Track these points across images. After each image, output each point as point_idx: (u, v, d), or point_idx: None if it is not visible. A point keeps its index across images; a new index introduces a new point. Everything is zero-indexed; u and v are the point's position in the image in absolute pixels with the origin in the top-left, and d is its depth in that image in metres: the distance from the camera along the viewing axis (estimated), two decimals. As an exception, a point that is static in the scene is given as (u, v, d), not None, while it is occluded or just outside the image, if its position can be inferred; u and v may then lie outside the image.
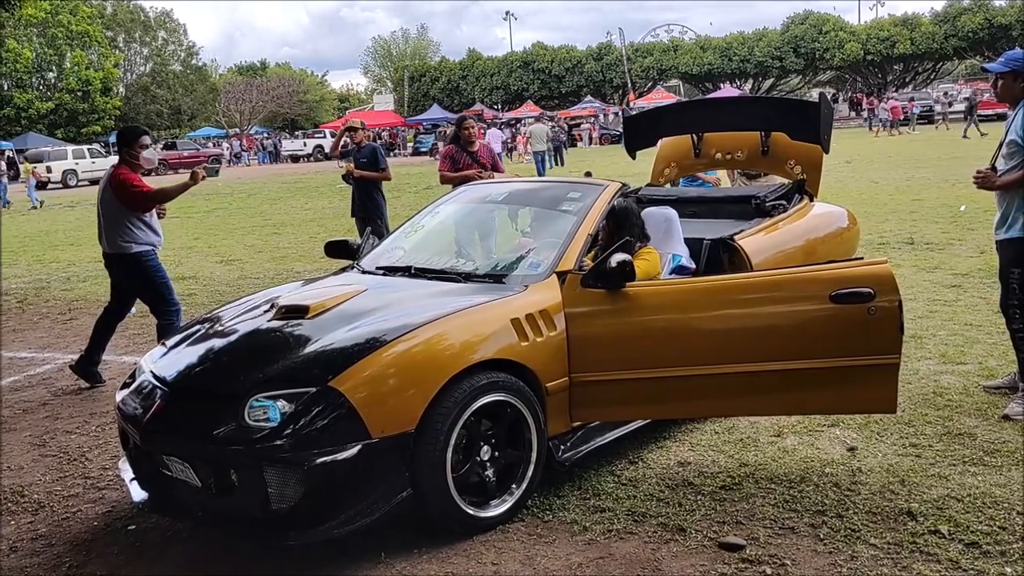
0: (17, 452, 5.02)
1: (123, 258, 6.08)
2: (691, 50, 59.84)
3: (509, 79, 63.64)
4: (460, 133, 8.00)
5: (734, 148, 6.47)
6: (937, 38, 53.02)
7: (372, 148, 9.37)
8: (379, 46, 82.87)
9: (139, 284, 6.18)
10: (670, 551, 3.42)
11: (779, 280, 3.92)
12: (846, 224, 6.16)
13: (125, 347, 7.40)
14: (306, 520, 3.31)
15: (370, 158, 9.18)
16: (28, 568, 3.62)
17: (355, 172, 9.13)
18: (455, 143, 8.05)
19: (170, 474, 3.61)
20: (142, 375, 4.00)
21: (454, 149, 7.97)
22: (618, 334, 3.92)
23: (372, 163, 9.20)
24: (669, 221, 5.01)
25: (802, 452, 4.29)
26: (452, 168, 7.86)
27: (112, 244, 6.09)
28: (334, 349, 3.57)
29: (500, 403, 3.64)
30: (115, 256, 6.11)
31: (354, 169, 9.12)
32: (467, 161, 7.82)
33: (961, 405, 4.76)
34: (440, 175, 8.07)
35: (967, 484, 3.82)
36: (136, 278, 6.15)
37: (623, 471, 4.18)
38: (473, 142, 7.96)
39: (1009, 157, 4.57)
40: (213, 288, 9.85)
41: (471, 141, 7.93)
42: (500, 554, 3.47)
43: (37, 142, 44.33)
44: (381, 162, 9.25)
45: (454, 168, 7.84)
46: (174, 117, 65.93)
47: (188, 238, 15.24)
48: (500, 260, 4.50)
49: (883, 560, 3.26)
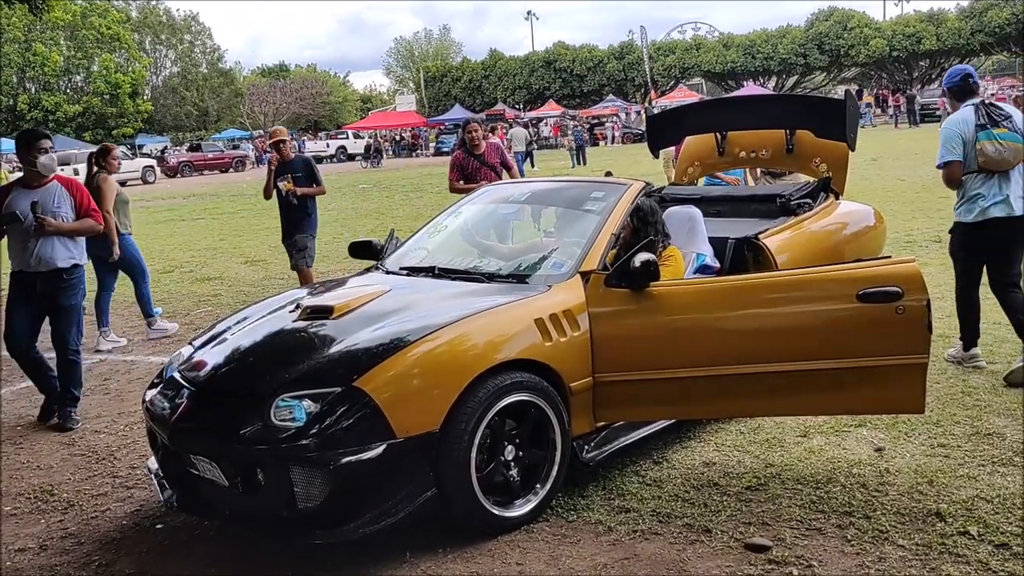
0: (46, 451, 5.08)
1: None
2: (714, 48, 59.51)
3: (531, 79, 63.61)
4: (465, 138, 7.94)
5: (758, 146, 6.43)
6: (963, 34, 52.39)
7: (305, 160, 8.35)
8: (401, 47, 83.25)
9: None
10: (696, 552, 3.41)
11: (805, 279, 3.89)
12: (872, 222, 6.11)
13: (152, 348, 7.48)
14: (332, 519, 3.33)
15: (306, 171, 8.13)
16: (58, 566, 3.67)
17: (298, 190, 7.99)
18: (462, 148, 8.01)
19: (197, 473, 3.65)
20: (169, 375, 4.04)
21: (461, 156, 7.89)
22: (642, 334, 3.91)
23: (309, 176, 8.15)
24: (693, 220, 4.99)
25: (829, 452, 4.26)
26: (461, 176, 7.79)
27: None
28: (359, 349, 3.59)
29: (524, 403, 3.64)
30: None
31: (295, 188, 7.97)
32: (475, 165, 7.73)
33: (990, 405, 4.70)
34: (450, 185, 7.95)
35: (996, 485, 3.78)
36: None
37: (648, 471, 4.16)
38: (478, 145, 7.86)
39: None
40: (238, 288, 9.94)
41: (476, 144, 7.86)
42: (525, 554, 3.47)
43: (65, 145, 44.85)
44: (318, 176, 8.25)
45: (463, 175, 7.78)
46: (201, 119, 66.55)
47: (214, 239, 15.37)
48: (523, 260, 4.50)
49: (911, 561, 3.23)
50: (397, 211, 18.04)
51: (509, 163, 8.09)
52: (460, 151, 7.99)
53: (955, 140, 5.17)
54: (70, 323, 5.50)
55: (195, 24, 69.01)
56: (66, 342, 5.48)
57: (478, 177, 7.62)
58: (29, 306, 5.40)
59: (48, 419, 5.56)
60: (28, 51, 52.74)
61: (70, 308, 5.48)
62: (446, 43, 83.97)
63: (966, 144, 5.15)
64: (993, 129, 5.06)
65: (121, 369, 6.86)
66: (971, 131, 5.12)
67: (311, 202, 8.20)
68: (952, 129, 5.18)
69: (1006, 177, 5.16)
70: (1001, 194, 5.15)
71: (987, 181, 5.18)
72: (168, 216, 20.98)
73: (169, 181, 40.20)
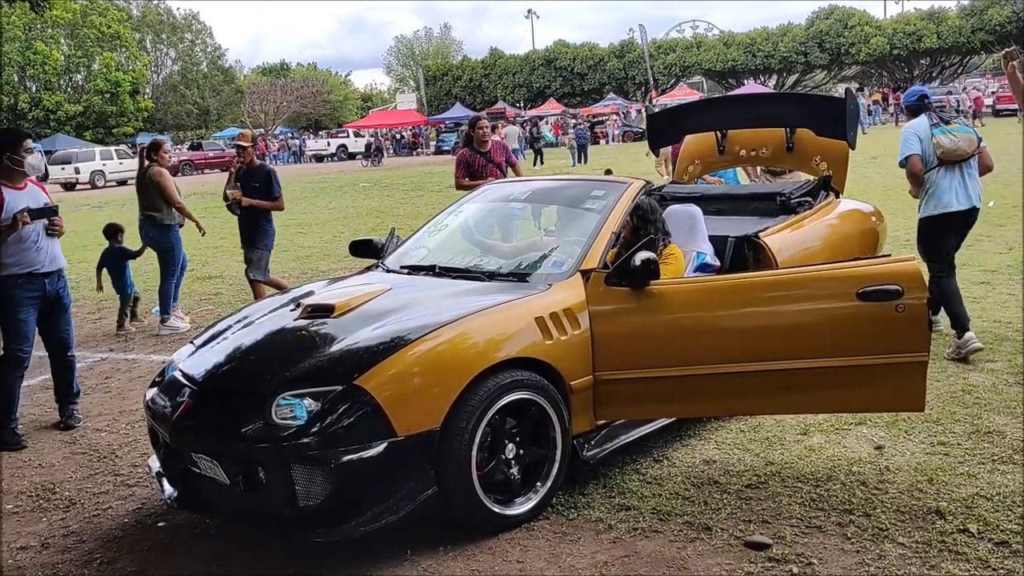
0: (48, 450, 5.09)
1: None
2: (715, 46, 59.49)
3: (531, 77, 63.62)
4: (473, 134, 7.93)
5: (759, 145, 6.43)
6: (964, 32, 52.35)
7: (266, 172, 7.73)
8: (402, 46, 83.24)
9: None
10: (696, 550, 3.42)
11: (805, 278, 3.89)
12: (873, 221, 6.11)
13: (154, 346, 7.49)
14: (333, 517, 3.34)
15: (263, 183, 7.59)
16: (60, 564, 3.67)
17: (244, 200, 7.48)
18: (468, 145, 7.98)
19: (199, 471, 3.66)
20: (170, 374, 4.05)
21: (468, 153, 7.87)
22: (643, 332, 3.91)
23: (266, 190, 7.59)
24: (693, 218, 5.00)
25: (829, 450, 4.27)
26: (467, 173, 7.79)
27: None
28: (359, 348, 3.60)
29: (525, 401, 3.65)
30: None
31: (242, 197, 7.46)
32: (481, 162, 7.72)
33: (990, 403, 4.71)
34: (456, 182, 7.93)
35: (996, 483, 3.79)
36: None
37: (648, 469, 4.17)
38: (486, 142, 7.86)
39: None
40: (239, 287, 9.93)
41: (484, 141, 7.86)
42: (525, 552, 3.48)
43: (66, 144, 44.85)
44: (276, 189, 7.62)
45: (469, 172, 7.78)
46: (201, 117, 66.57)
47: (214, 237, 15.35)
48: (524, 259, 4.51)
49: (911, 559, 3.24)
50: (398, 210, 18.05)
51: (514, 161, 8.08)
52: (466, 149, 7.96)
53: (912, 139, 5.77)
54: (70, 321, 5.49)
55: (196, 23, 69.06)
56: (68, 341, 5.48)
57: (484, 175, 7.63)
58: (35, 309, 5.27)
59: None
60: (28, 49, 52.70)
61: (69, 306, 5.49)
62: (447, 42, 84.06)
63: (923, 142, 5.73)
64: (945, 126, 5.69)
65: (122, 367, 6.87)
66: (926, 130, 5.73)
67: (265, 215, 7.68)
68: (909, 131, 5.81)
69: (964, 171, 5.73)
70: (961, 187, 5.72)
71: (947, 174, 5.72)
72: (169, 215, 20.93)
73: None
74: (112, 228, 8.37)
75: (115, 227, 8.37)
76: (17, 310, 5.16)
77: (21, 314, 5.17)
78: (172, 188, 7.87)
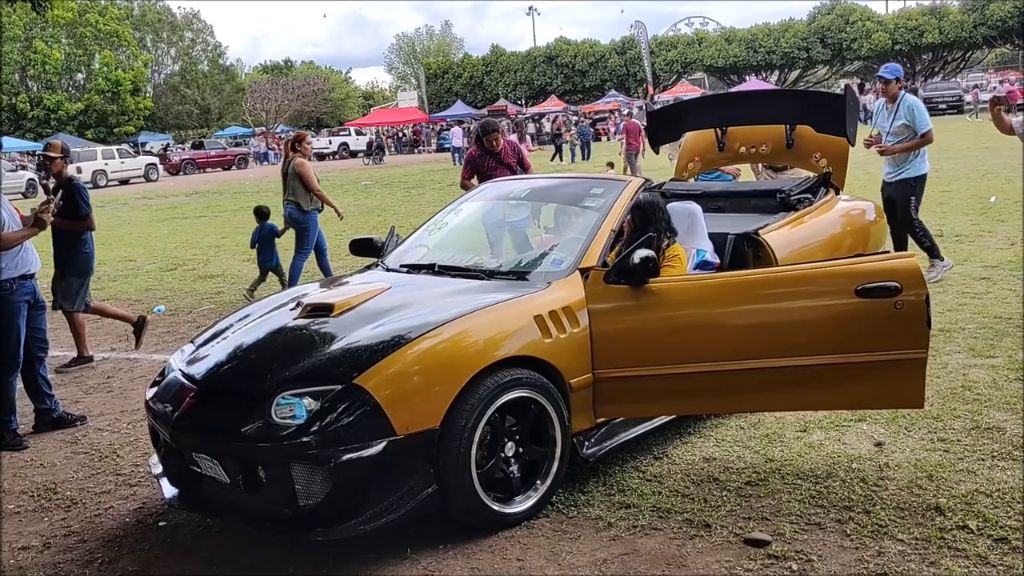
0: (50, 449, 5.11)
1: None
2: (716, 42, 59.35)
3: (532, 74, 63.53)
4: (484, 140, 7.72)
5: (758, 142, 6.44)
6: (966, 27, 52.19)
7: (72, 187, 6.55)
8: (403, 43, 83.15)
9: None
10: (695, 547, 3.42)
11: (804, 275, 3.89)
12: (873, 217, 6.11)
13: (155, 345, 7.50)
14: (333, 516, 3.34)
15: (68, 200, 6.37)
16: (61, 563, 3.69)
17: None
18: (478, 145, 7.82)
19: (199, 471, 3.67)
20: (171, 373, 4.06)
21: (476, 153, 7.72)
22: (642, 330, 3.92)
23: (70, 207, 6.43)
24: (693, 216, 5.00)
25: (828, 447, 4.27)
26: (473, 173, 7.64)
27: None
28: (359, 347, 3.60)
29: (524, 400, 3.65)
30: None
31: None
32: (491, 164, 7.54)
33: (990, 399, 4.71)
34: (461, 181, 7.79)
35: (996, 479, 3.79)
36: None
37: (648, 467, 4.17)
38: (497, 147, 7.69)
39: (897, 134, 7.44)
40: (240, 287, 9.94)
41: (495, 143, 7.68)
42: (525, 550, 3.49)
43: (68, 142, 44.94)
44: (83, 207, 6.57)
45: (477, 172, 7.63)
46: (202, 116, 66.56)
47: (216, 236, 15.39)
48: (523, 257, 4.51)
49: (910, 556, 3.24)
50: (399, 208, 18.06)
51: (527, 163, 7.83)
52: (475, 148, 7.80)
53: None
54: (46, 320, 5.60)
55: (196, 21, 69.01)
56: (46, 341, 5.57)
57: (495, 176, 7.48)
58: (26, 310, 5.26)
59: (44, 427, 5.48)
60: (28, 49, 52.76)
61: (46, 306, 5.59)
62: (448, 39, 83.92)
63: None
64: None
65: (124, 367, 6.88)
66: None
67: (79, 236, 6.72)
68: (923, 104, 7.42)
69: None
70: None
71: None
72: (171, 214, 21.01)
73: (172, 179, 40.22)
74: (261, 210, 9.52)
75: (263, 209, 9.53)
76: (16, 313, 5.18)
77: (18, 317, 5.20)
78: (312, 176, 8.75)
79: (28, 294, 5.28)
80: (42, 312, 5.50)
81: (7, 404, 5.22)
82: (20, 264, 5.22)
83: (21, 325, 5.22)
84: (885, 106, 7.63)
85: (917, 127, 7.35)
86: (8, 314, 5.14)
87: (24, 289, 5.24)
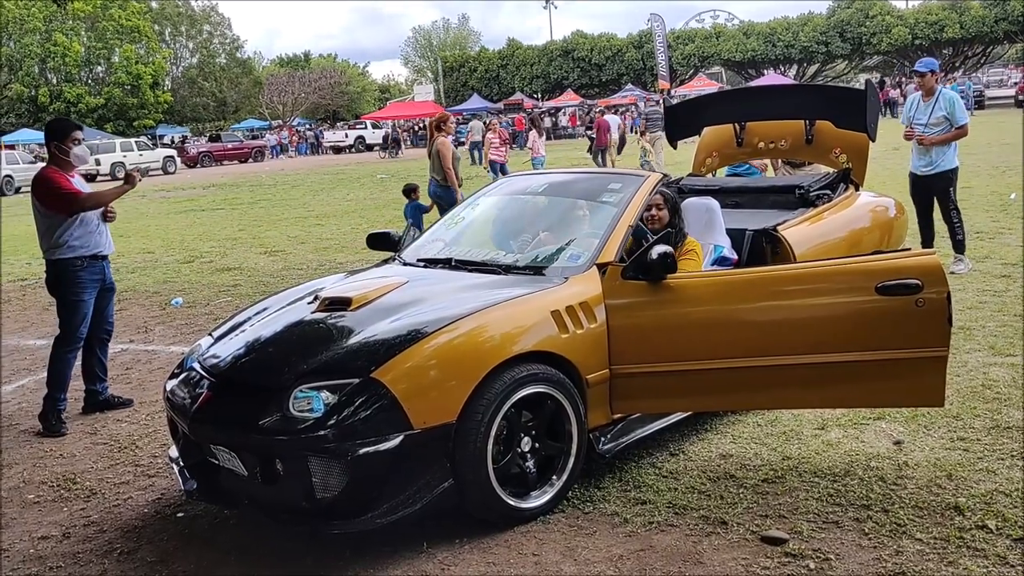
0: (69, 440, 5.15)
1: (49, 265, 5.34)
2: (734, 36, 59.01)
3: (549, 68, 63.36)
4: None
5: (777, 137, 6.39)
6: (987, 21, 51.64)
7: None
8: (420, 36, 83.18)
9: (57, 297, 5.38)
10: (711, 544, 3.41)
11: (824, 271, 3.87)
12: (893, 214, 6.06)
13: (173, 337, 7.54)
14: (349, 509, 3.36)
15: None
16: (80, 553, 3.72)
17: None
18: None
19: (217, 463, 3.69)
20: (189, 365, 4.08)
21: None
22: (659, 326, 3.90)
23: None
24: (711, 211, 4.98)
25: (847, 445, 4.25)
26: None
27: (42, 249, 5.37)
28: (376, 341, 3.61)
29: (541, 395, 3.65)
30: (46, 263, 5.38)
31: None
32: None
33: (1010, 398, 4.66)
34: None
35: (1015, 479, 3.76)
36: (54, 290, 5.38)
37: (664, 463, 4.17)
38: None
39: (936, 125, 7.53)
40: (258, 279, 10.00)
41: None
42: (541, 545, 3.49)
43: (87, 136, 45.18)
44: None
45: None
46: (219, 109, 66.85)
47: (233, 229, 15.46)
48: (540, 252, 4.50)
49: (929, 555, 3.22)
50: (415, 201, 18.04)
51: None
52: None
53: None
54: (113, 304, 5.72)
55: (214, 15, 69.26)
56: (111, 324, 5.71)
57: None
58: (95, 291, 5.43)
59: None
60: (48, 41, 53.07)
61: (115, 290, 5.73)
62: (464, 32, 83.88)
63: None
64: None
65: (142, 359, 6.93)
66: None
67: None
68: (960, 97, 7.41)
69: None
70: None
71: None
72: (188, 206, 21.13)
73: (189, 171, 40.43)
74: (409, 187, 9.88)
75: (412, 186, 9.89)
76: (83, 291, 5.33)
77: (86, 295, 5.34)
78: (448, 156, 9.35)
79: (98, 275, 5.42)
80: (111, 295, 5.63)
81: (61, 380, 5.35)
82: (93, 244, 5.36)
83: (88, 303, 5.36)
84: (921, 99, 7.71)
85: (955, 120, 7.50)
86: (76, 290, 5.29)
87: (94, 269, 5.38)
